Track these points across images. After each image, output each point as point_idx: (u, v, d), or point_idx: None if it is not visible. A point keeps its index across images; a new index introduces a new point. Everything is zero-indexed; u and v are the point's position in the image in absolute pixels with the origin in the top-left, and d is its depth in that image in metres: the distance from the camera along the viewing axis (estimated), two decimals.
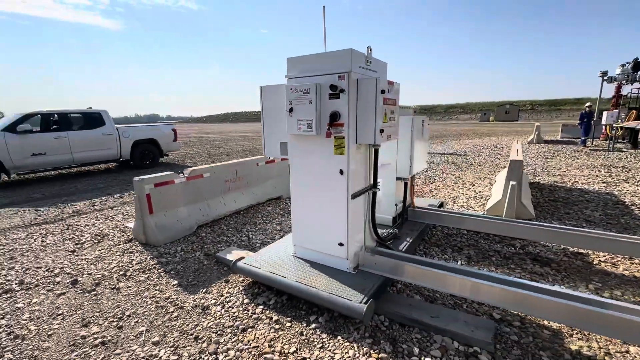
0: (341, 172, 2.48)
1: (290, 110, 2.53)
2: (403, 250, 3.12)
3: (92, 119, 8.79)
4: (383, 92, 2.36)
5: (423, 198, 5.19)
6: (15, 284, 2.98)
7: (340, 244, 2.63)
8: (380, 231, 3.44)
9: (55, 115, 8.16)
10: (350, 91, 2.32)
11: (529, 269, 3.07)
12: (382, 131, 2.42)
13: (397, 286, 2.80)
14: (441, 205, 4.69)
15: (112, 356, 2.07)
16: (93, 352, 2.11)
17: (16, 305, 2.66)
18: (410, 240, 3.33)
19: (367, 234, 2.91)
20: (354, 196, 2.56)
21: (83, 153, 8.46)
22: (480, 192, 5.89)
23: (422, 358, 1.98)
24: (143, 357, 2.05)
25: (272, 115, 2.87)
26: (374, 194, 2.83)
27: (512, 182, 4.49)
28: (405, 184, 3.75)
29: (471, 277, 2.24)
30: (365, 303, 2.20)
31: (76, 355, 2.08)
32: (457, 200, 5.46)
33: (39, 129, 7.87)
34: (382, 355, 2.02)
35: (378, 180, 3.09)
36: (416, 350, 2.05)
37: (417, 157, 3.62)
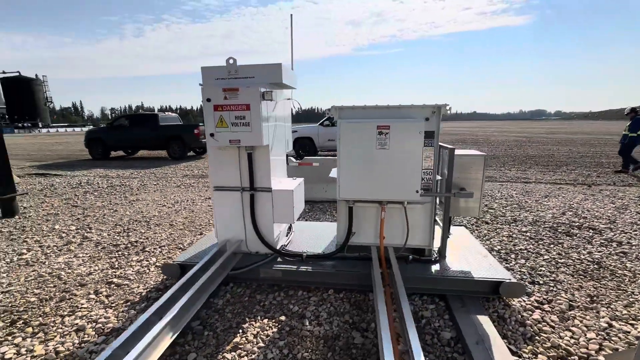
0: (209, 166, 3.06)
1: None
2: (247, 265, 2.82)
3: None
4: (209, 100, 2.64)
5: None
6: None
7: (213, 225, 3.21)
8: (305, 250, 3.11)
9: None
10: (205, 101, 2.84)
11: None
12: (212, 135, 2.70)
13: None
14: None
15: (162, 236, 4.50)
16: (157, 228, 4.67)
17: (174, 211, 5.91)
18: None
19: (251, 233, 3.06)
20: (217, 189, 3.01)
21: None
22: None
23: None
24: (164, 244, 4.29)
25: None
26: (252, 196, 2.94)
27: None
28: (350, 209, 2.82)
29: None
30: (173, 263, 2.91)
31: (155, 226, 4.75)
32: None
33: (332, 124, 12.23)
34: (149, 296, 2.80)
35: (286, 188, 3.02)
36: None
37: (353, 173, 2.65)
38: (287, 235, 3.54)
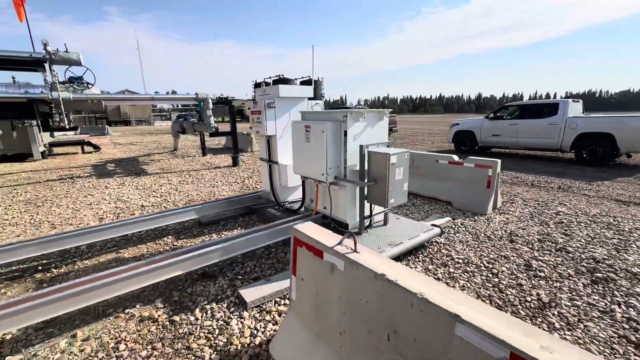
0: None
1: None
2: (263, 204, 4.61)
3: (548, 109, 9.41)
4: (249, 108, 4.68)
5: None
6: None
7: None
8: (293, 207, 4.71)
9: (518, 106, 10.16)
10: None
11: None
12: (250, 128, 4.77)
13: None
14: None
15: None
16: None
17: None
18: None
19: (270, 191, 4.94)
20: (261, 159, 5.08)
21: (526, 139, 9.84)
22: None
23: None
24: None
25: None
26: (270, 166, 4.82)
27: None
28: (303, 181, 4.03)
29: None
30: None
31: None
32: None
33: (504, 117, 10.48)
34: None
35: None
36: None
37: (298, 156, 3.88)
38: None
